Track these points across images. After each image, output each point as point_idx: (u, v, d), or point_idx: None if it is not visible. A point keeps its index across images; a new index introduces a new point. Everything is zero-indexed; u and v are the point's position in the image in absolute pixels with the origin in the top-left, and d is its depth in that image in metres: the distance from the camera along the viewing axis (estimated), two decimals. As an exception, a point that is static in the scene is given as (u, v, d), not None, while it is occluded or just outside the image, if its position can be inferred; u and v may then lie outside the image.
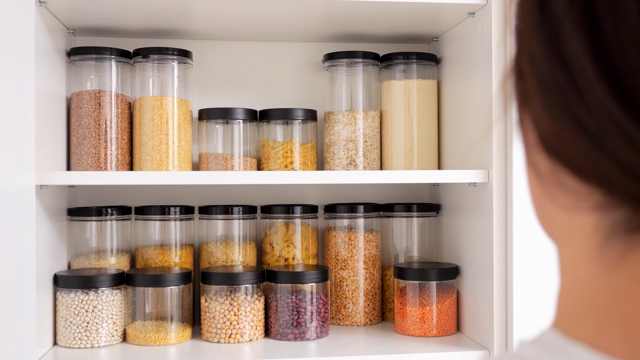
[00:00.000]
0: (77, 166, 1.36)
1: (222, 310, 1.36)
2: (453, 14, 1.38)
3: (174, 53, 1.41)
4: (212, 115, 1.44)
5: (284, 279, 1.39)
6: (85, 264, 1.44)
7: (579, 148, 0.35)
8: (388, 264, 1.56)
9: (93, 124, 1.36)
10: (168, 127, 1.37)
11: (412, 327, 1.41)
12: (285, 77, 1.61)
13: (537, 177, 0.40)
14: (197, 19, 1.43)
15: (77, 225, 1.46)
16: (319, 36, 1.57)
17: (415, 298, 1.42)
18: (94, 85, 1.39)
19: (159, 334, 1.35)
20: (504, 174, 1.28)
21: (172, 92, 1.40)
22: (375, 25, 1.48)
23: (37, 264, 1.22)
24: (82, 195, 1.55)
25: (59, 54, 1.38)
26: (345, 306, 1.50)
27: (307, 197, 1.62)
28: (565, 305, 0.40)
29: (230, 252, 1.49)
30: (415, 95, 1.47)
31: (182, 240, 1.50)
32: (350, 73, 1.49)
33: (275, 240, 1.51)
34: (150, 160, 1.36)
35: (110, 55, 1.39)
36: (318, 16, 1.41)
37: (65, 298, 1.33)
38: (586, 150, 0.35)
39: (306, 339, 1.38)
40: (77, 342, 1.33)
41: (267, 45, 1.61)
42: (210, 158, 1.43)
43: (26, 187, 1.19)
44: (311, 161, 1.46)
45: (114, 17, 1.40)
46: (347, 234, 1.51)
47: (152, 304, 1.39)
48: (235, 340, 1.36)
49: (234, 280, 1.36)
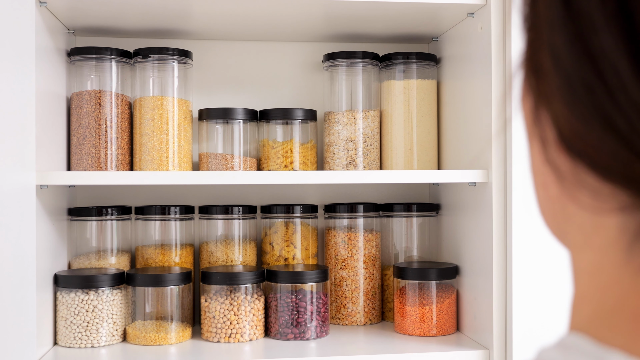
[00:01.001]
0: (78, 166, 1.36)
1: (222, 310, 1.36)
2: (453, 14, 1.38)
3: (174, 53, 1.41)
4: (212, 115, 1.44)
5: (284, 279, 1.39)
6: (86, 264, 1.44)
7: (607, 148, 0.34)
8: (388, 264, 1.56)
9: (93, 124, 1.36)
10: (168, 127, 1.38)
11: (411, 327, 1.41)
12: (285, 77, 1.61)
13: (558, 178, 0.38)
14: (197, 19, 1.43)
15: (78, 225, 1.46)
16: (319, 36, 1.57)
17: (415, 298, 1.42)
18: (94, 85, 1.39)
19: (159, 333, 1.35)
20: (503, 174, 1.28)
21: (172, 92, 1.40)
22: (375, 25, 1.48)
23: (37, 263, 1.22)
24: (82, 195, 1.55)
25: (59, 54, 1.38)
26: (345, 306, 1.50)
27: (307, 197, 1.62)
28: (589, 309, 0.38)
29: (230, 251, 1.49)
30: (415, 95, 1.47)
31: (182, 240, 1.50)
32: (350, 73, 1.49)
33: (275, 240, 1.51)
34: (151, 160, 1.37)
35: (111, 55, 1.39)
36: (318, 16, 1.41)
37: (66, 298, 1.33)
38: (615, 150, 0.34)
39: (306, 339, 1.38)
40: (77, 341, 1.33)
41: (267, 45, 1.61)
42: (210, 158, 1.43)
43: (26, 187, 1.19)
44: (311, 161, 1.46)
45: (114, 17, 1.40)
46: (347, 233, 1.52)
47: (152, 303, 1.39)
48: (235, 340, 1.36)
49: (234, 280, 1.37)
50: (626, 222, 0.36)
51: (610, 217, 0.37)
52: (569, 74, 0.35)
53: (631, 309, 0.36)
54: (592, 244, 0.38)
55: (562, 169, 0.38)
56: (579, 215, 0.39)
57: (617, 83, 0.33)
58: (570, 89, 0.35)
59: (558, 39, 0.35)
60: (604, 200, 0.36)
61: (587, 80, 0.34)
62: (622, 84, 0.33)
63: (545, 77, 0.36)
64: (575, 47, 0.34)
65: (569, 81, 0.35)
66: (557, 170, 0.38)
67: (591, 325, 0.37)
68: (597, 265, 0.38)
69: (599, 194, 0.36)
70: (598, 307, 0.37)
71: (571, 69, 0.35)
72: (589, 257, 0.39)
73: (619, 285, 0.36)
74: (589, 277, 0.39)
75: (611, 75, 0.33)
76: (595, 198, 0.36)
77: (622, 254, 0.36)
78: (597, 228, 0.38)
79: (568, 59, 0.34)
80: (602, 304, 0.37)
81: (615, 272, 0.37)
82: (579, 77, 0.34)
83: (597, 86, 0.34)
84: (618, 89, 0.33)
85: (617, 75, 0.33)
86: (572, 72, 0.35)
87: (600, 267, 0.38)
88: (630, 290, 0.36)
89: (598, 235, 0.38)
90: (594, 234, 0.38)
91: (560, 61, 0.35)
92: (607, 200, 0.36)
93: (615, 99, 0.33)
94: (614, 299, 0.36)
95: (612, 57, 0.33)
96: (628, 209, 0.36)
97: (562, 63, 0.35)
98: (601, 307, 0.37)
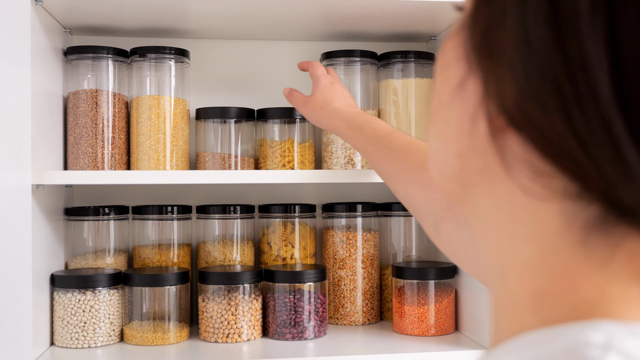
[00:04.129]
0: (74, 165, 1.36)
1: (220, 310, 1.36)
2: (451, 12, 1.38)
3: (171, 52, 1.40)
4: (209, 114, 1.44)
5: (282, 279, 1.38)
6: (83, 264, 1.43)
7: (564, 143, 0.33)
8: (386, 263, 1.56)
9: (90, 123, 1.36)
10: (165, 127, 1.37)
11: (410, 327, 1.41)
12: (283, 76, 1.61)
13: (502, 161, 0.37)
14: (195, 18, 1.42)
15: (74, 224, 1.45)
16: (317, 35, 1.57)
17: (414, 297, 1.41)
18: (91, 85, 1.38)
19: (156, 333, 1.35)
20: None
21: (169, 91, 1.40)
22: (373, 23, 1.47)
23: (33, 263, 1.21)
24: (79, 194, 1.55)
25: (56, 53, 1.37)
26: (344, 305, 1.50)
27: (305, 197, 1.62)
28: (549, 304, 0.36)
29: (228, 251, 1.48)
30: (413, 94, 1.46)
31: (180, 239, 1.49)
32: (348, 72, 1.48)
33: (273, 240, 1.51)
34: (148, 160, 1.36)
35: (107, 54, 1.38)
36: (316, 15, 1.41)
37: (62, 298, 1.33)
38: (571, 149, 0.33)
39: (304, 339, 1.37)
40: (74, 342, 1.32)
41: (265, 44, 1.60)
42: (207, 157, 1.42)
43: (22, 186, 1.19)
44: (309, 160, 1.46)
45: (111, 16, 1.40)
46: (345, 233, 1.51)
47: (150, 303, 1.38)
48: (233, 340, 1.36)
49: (231, 280, 1.36)
50: (573, 215, 0.35)
51: (551, 208, 0.36)
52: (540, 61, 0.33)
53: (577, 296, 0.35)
54: (530, 237, 0.37)
55: (508, 153, 0.37)
56: (523, 208, 0.37)
57: (589, 92, 0.32)
58: (529, 78, 0.33)
59: (534, 30, 0.33)
60: (549, 185, 0.35)
61: (557, 80, 0.33)
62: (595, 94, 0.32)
63: (501, 57, 0.35)
64: (551, 43, 0.33)
65: (530, 70, 0.33)
66: (503, 153, 0.37)
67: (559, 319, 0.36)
68: (540, 257, 0.37)
69: (546, 177, 0.35)
70: (560, 302, 0.36)
71: (540, 61, 0.33)
72: (527, 251, 0.37)
73: (579, 282, 0.35)
74: (529, 270, 0.37)
75: (584, 81, 0.32)
76: (543, 183, 0.35)
77: (576, 248, 0.35)
78: (536, 221, 0.37)
79: (540, 51, 0.33)
80: (563, 298, 0.36)
81: (562, 264, 0.36)
82: (547, 72, 0.33)
83: (566, 87, 0.32)
84: (588, 97, 0.32)
85: (591, 83, 0.32)
86: (540, 64, 0.33)
87: (543, 260, 0.37)
88: (591, 287, 0.35)
89: (537, 228, 0.37)
90: (532, 226, 0.37)
91: (528, 50, 0.33)
92: (553, 184, 0.35)
93: (582, 106, 0.32)
94: (572, 291, 0.35)
95: (590, 64, 0.32)
96: (573, 198, 0.35)
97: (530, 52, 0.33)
98: (561, 301, 0.36)
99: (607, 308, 0.34)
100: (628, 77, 0.31)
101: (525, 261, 0.38)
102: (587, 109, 0.32)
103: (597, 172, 0.32)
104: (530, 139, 0.34)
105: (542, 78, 0.33)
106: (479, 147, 0.38)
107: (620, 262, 0.35)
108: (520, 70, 0.34)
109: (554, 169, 0.34)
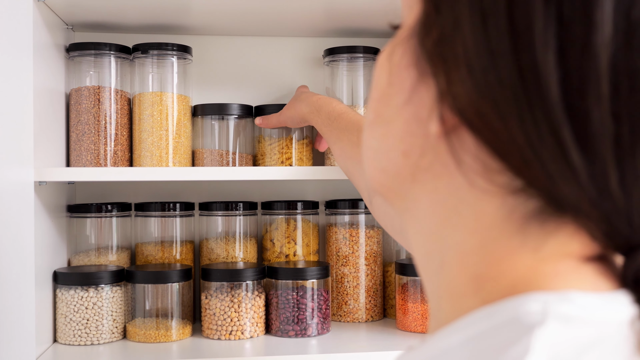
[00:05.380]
0: (77, 162, 1.35)
1: (223, 307, 1.35)
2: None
3: (174, 48, 1.40)
4: (207, 111, 1.43)
5: (284, 276, 1.38)
6: (85, 261, 1.43)
7: (515, 143, 0.36)
8: (389, 260, 1.55)
9: (92, 120, 1.35)
10: (168, 123, 1.37)
11: (413, 324, 1.40)
12: (285, 73, 1.60)
13: (453, 157, 0.40)
14: (197, 14, 1.42)
15: (77, 221, 1.45)
16: (320, 31, 1.56)
17: (417, 294, 1.41)
18: (93, 81, 1.38)
19: (159, 330, 1.35)
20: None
21: (171, 88, 1.39)
22: (376, 19, 1.47)
23: (36, 260, 1.21)
24: (81, 191, 1.55)
25: (58, 49, 1.37)
26: (347, 303, 1.49)
27: (307, 194, 1.62)
28: (491, 286, 0.39)
29: (230, 248, 1.48)
30: (416, 90, 1.46)
31: (183, 236, 1.49)
32: (351, 68, 1.48)
33: (276, 237, 1.50)
34: (150, 157, 1.36)
35: (110, 51, 1.38)
36: (318, 11, 1.40)
37: (65, 295, 1.33)
38: (521, 150, 0.36)
39: (307, 336, 1.37)
40: (77, 339, 1.32)
41: (268, 40, 1.60)
42: (205, 154, 1.42)
43: (25, 183, 1.19)
44: (307, 157, 1.45)
45: (113, 13, 1.39)
46: (348, 230, 1.51)
47: (153, 300, 1.38)
48: (236, 337, 1.35)
49: (234, 277, 1.36)
50: (514, 207, 0.38)
51: (494, 202, 0.39)
52: (497, 74, 0.36)
53: None
54: (470, 227, 0.40)
55: (459, 149, 0.39)
56: (466, 200, 0.40)
57: (540, 100, 0.35)
58: (488, 84, 0.36)
59: (495, 43, 0.36)
60: (491, 178, 0.38)
61: (514, 87, 0.36)
62: (545, 102, 0.35)
63: (455, 62, 0.37)
64: (509, 54, 0.36)
65: (490, 77, 0.36)
66: (454, 150, 0.39)
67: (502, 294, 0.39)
68: (480, 246, 0.40)
69: (489, 170, 0.38)
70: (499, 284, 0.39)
71: (500, 70, 0.36)
72: (467, 241, 0.40)
73: (515, 266, 0.38)
74: (472, 257, 0.40)
75: (536, 90, 0.35)
76: (484, 174, 0.38)
77: (513, 236, 0.39)
78: (477, 213, 0.40)
79: (500, 61, 0.36)
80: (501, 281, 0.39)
81: (503, 251, 0.39)
82: (505, 80, 0.36)
83: (520, 94, 0.35)
84: (539, 104, 0.35)
85: (542, 92, 0.35)
86: (499, 73, 0.36)
87: (483, 248, 0.40)
88: (526, 270, 0.38)
89: (478, 219, 0.40)
90: (474, 217, 0.40)
91: (490, 59, 0.36)
92: (495, 179, 0.38)
93: (534, 112, 0.35)
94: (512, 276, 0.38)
95: (542, 75, 0.35)
96: (515, 192, 0.38)
97: (491, 61, 0.36)
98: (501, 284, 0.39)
99: (540, 282, 0.37)
100: (574, 88, 0.34)
101: (466, 250, 0.40)
102: (537, 114, 0.35)
103: (543, 171, 0.36)
104: (483, 139, 0.37)
105: (500, 85, 0.36)
106: (427, 146, 0.41)
107: (552, 247, 0.38)
108: (480, 76, 0.36)
109: (502, 165, 0.37)
